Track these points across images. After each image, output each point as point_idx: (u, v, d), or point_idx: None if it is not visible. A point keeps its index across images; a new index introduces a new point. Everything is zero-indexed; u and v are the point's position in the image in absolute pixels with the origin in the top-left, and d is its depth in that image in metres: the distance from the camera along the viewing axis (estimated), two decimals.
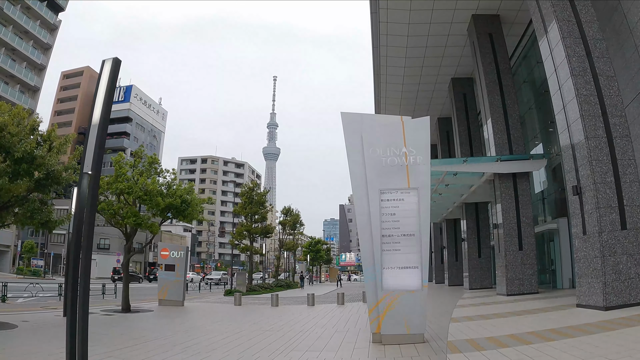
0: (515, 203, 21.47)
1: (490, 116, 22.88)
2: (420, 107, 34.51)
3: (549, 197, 26.93)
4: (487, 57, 24.18)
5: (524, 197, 21.68)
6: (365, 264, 9.28)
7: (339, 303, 19.22)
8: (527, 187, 22.20)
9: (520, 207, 21.48)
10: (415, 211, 9.36)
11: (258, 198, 31.14)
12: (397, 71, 30.28)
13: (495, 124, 22.74)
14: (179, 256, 19.54)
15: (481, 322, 11.87)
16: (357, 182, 9.72)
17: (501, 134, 22.58)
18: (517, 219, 21.30)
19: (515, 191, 21.66)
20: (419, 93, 33.19)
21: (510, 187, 21.69)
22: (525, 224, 21.35)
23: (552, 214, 26.03)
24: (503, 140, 22.48)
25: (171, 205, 15.88)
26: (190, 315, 15.37)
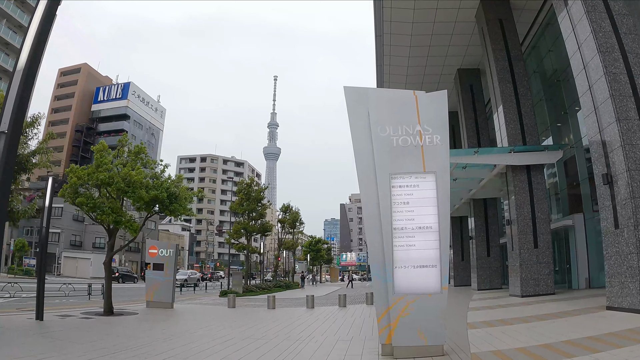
0: (529, 197, 20.03)
1: (502, 105, 21.43)
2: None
3: (561, 192, 25.51)
4: (497, 43, 22.78)
5: (539, 191, 20.24)
6: (374, 262, 7.84)
7: (340, 305, 17.79)
8: (542, 180, 20.75)
9: (535, 201, 20.03)
10: (432, 199, 7.94)
11: (256, 194, 29.67)
12: (401, 61, 28.93)
13: (507, 113, 21.30)
14: (168, 254, 18.12)
15: (503, 328, 10.44)
16: (363, 166, 8.28)
17: (514, 124, 21.14)
18: (532, 215, 19.86)
19: (529, 185, 20.21)
20: (423, 85, 31.81)
21: (525, 180, 20.24)
22: (541, 219, 19.91)
23: (566, 209, 24.64)
24: (516, 131, 21.03)
25: (156, 198, 14.41)
26: (176, 319, 13.94)
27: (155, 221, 68.54)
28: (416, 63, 29.07)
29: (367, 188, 8.14)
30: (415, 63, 29.07)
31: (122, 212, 14.20)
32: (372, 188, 8.10)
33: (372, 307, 17.76)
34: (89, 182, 14.36)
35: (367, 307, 17.76)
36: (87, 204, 14.27)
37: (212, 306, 19.24)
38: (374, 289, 7.73)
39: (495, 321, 11.69)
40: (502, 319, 12.20)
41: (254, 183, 30.63)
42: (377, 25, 26.06)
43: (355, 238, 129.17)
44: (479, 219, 28.20)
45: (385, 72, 30.38)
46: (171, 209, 14.95)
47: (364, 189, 8.18)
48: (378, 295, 7.70)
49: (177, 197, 15.04)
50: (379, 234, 7.82)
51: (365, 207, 8.10)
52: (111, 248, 15.82)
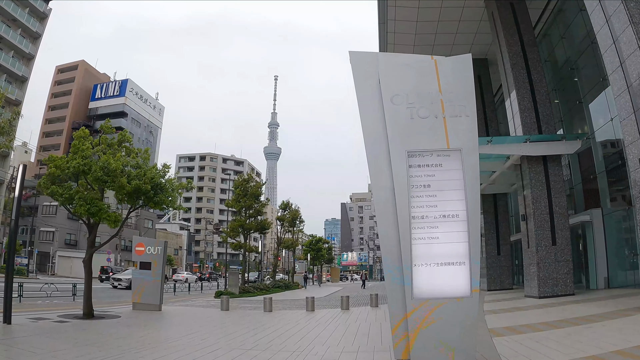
0: (547, 190, 18.61)
1: (515, 91, 19.98)
2: None
3: (576, 185, 24.06)
4: (509, 28, 21.39)
5: (557, 184, 18.81)
6: (387, 260, 6.39)
7: (343, 308, 16.34)
8: (560, 172, 19.33)
9: (552, 195, 18.62)
10: (458, 182, 6.51)
11: (253, 190, 28.19)
12: (405, 49, 27.56)
13: (521, 100, 19.86)
14: (155, 252, 16.69)
15: (533, 335, 9.01)
16: (373, 143, 6.84)
17: (528, 112, 19.71)
18: (550, 209, 18.44)
19: (546, 177, 18.80)
20: None
21: (541, 172, 18.81)
22: (559, 214, 18.49)
23: (581, 205, 23.21)
24: (531, 119, 19.60)
25: (139, 189, 12.95)
26: (161, 324, 12.51)
27: (152, 220, 67.15)
28: (422, 52, 27.71)
29: (378, 170, 6.70)
30: (421, 52, 27.71)
31: (97, 202, 12.72)
32: (384, 169, 6.66)
33: (378, 309, 16.41)
34: (66, 170, 12.91)
35: (371, 309, 16.33)
36: (62, 195, 12.83)
37: (204, 308, 17.81)
38: (387, 293, 6.29)
39: (520, 327, 10.26)
40: (527, 323, 10.78)
41: (251, 179, 29.15)
42: (381, 10, 24.79)
43: (357, 238, 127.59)
44: (488, 216, 26.84)
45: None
46: (156, 201, 13.50)
47: (375, 171, 6.74)
48: (393, 300, 6.26)
49: (162, 189, 13.58)
50: (394, 224, 6.39)
51: (377, 193, 6.65)
52: (91, 245, 14.40)
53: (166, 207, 14.26)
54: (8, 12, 54.28)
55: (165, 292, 27.25)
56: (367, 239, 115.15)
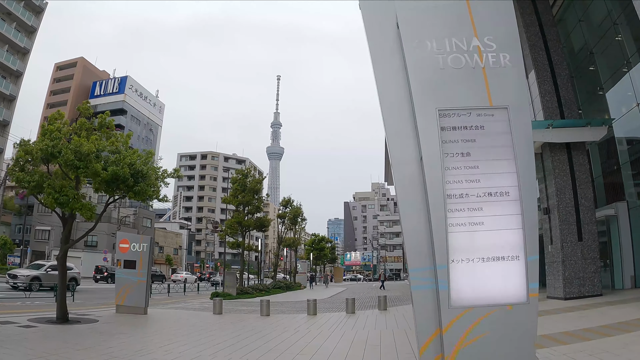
0: (571, 181, 16.95)
1: (535, 74, 18.33)
2: None
3: (597, 178, 22.40)
4: (526, 7, 19.83)
5: (582, 174, 17.16)
6: (413, 257, 4.74)
7: (348, 311, 14.70)
8: (585, 161, 17.67)
9: (577, 186, 16.93)
10: (507, 149, 4.90)
11: (252, 185, 26.53)
12: None
13: (541, 83, 18.23)
14: (141, 249, 15.08)
15: (581, 346, 7.40)
16: (391, 104, 5.23)
17: (549, 96, 18.07)
18: (575, 202, 16.77)
19: (570, 167, 17.12)
20: None
21: (565, 161, 17.15)
22: (585, 207, 16.85)
23: (602, 198, 21.57)
24: (552, 104, 17.96)
25: (117, 176, 11.32)
26: (141, 331, 10.88)
27: (151, 218, 65.57)
28: None
29: (399, 138, 5.07)
30: None
31: (67, 190, 11.10)
32: (407, 137, 5.03)
33: (387, 313, 14.79)
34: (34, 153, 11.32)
35: (380, 313, 14.69)
36: (30, 182, 11.23)
37: (195, 312, 16.19)
38: (413, 299, 4.64)
39: (560, 335, 8.61)
40: (566, 330, 9.14)
41: (249, 173, 27.49)
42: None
43: (360, 237, 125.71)
44: None
45: None
46: (136, 191, 11.85)
47: (395, 140, 5.11)
48: (421, 310, 4.61)
49: (144, 176, 11.94)
50: (422, 208, 4.77)
51: (398, 171, 5.01)
52: (65, 240, 12.84)
53: (149, 198, 12.61)
54: (3, 5, 52.83)
55: (159, 293, 25.69)
56: (370, 239, 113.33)
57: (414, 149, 4.95)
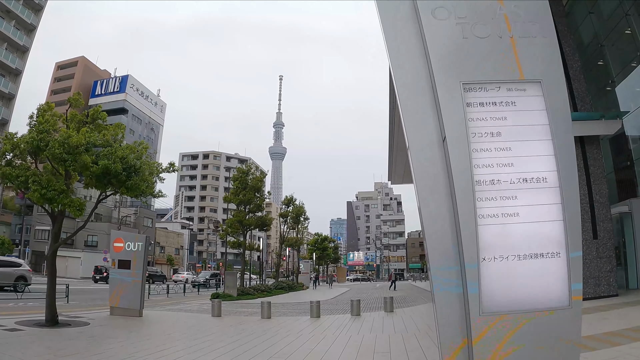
0: (585, 176, 16.26)
1: None
2: None
3: (609, 174, 21.71)
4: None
5: (597, 169, 16.47)
6: (435, 256, 4.03)
7: (353, 313, 13.99)
8: (600, 155, 16.95)
9: (592, 182, 16.25)
10: (542, 129, 4.20)
11: (253, 183, 25.83)
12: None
13: None
14: (135, 249, 14.42)
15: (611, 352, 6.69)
16: (406, 77, 4.52)
17: None
18: (590, 198, 16.08)
19: (584, 161, 16.42)
20: None
21: (579, 156, 16.41)
22: (600, 203, 16.15)
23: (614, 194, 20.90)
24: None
25: (108, 170, 10.66)
26: (132, 335, 10.20)
27: (152, 218, 64.98)
28: None
29: (415, 114, 4.36)
30: None
31: (55, 185, 10.45)
32: (426, 115, 4.33)
33: (394, 315, 14.10)
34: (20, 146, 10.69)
35: (386, 315, 14.00)
36: (18, 177, 10.59)
37: (193, 314, 15.52)
38: (435, 303, 3.94)
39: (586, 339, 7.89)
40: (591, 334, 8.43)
41: (250, 170, 26.79)
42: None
43: (363, 237, 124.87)
44: None
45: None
46: (129, 186, 11.18)
47: (411, 116, 4.40)
48: (444, 318, 3.90)
49: (137, 171, 11.28)
50: (446, 197, 4.06)
51: (416, 151, 4.31)
52: (55, 238, 12.21)
53: (142, 195, 11.93)
54: (2, 3, 52.37)
55: (157, 294, 25.04)
56: (373, 238, 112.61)
57: (434, 130, 4.27)
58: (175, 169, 13.15)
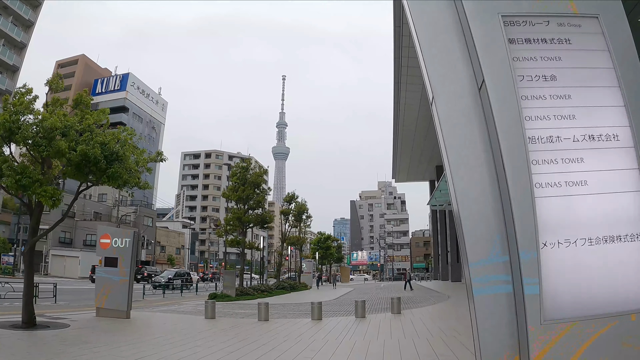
0: None
1: None
2: None
3: None
4: None
5: None
6: (471, 242, 2.95)
7: (357, 315, 12.91)
8: None
9: None
10: (607, 73, 3.13)
11: (252, 178, 24.75)
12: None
13: None
14: (123, 245, 13.40)
15: None
16: (429, 12, 3.48)
17: None
18: None
19: None
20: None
21: None
22: None
23: None
24: None
25: (87, 157, 9.65)
26: (113, 339, 9.16)
27: (152, 217, 64.00)
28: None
29: (441, 55, 3.33)
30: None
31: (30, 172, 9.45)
32: (454, 53, 3.31)
33: (402, 317, 12.96)
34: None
35: (393, 317, 12.92)
36: None
37: (186, 315, 14.49)
38: (475, 307, 2.86)
39: None
40: None
41: (249, 165, 25.67)
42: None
43: (367, 236, 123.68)
44: None
45: (403, 64, 26.94)
46: (110, 174, 10.15)
47: (435, 58, 3.35)
48: (487, 325, 2.82)
49: (120, 158, 10.25)
50: (486, 159, 3.03)
51: (442, 103, 3.25)
52: (33, 232, 11.23)
53: (126, 185, 10.89)
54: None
55: (153, 294, 24.01)
56: (377, 238, 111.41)
57: (465, 75, 3.22)
58: (163, 159, 12.13)
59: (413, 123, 36.50)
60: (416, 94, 30.06)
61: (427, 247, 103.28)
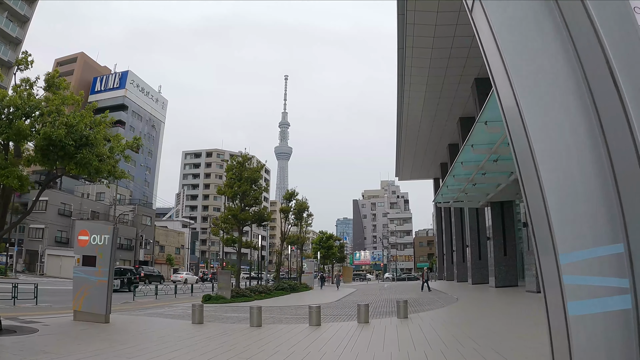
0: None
1: None
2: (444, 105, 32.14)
3: None
4: None
5: None
6: (562, 223, 1.68)
7: (360, 321, 11.64)
8: None
9: None
10: None
11: (249, 174, 23.44)
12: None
13: None
14: (102, 242, 12.19)
15: None
16: None
17: None
18: None
19: None
20: (442, 92, 29.84)
21: None
22: None
23: None
24: None
25: (51, 140, 8.43)
26: (79, 348, 7.92)
27: (150, 216, 62.78)
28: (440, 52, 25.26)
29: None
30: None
31: None
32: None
33: (409, 323, 11.63)
34: None
35: (400, 323, 11.64)
36: None
37: (172, 319, 13.27)
38: (569, 333, 1.61)
39: None
40: None
41: (247, 161, 24.33)
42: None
43: (369, 236, 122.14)
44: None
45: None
46: (78, 160, 8.91)
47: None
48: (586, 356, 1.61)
49: (90, 143, 9.02)
50: (574, 95, 1.78)
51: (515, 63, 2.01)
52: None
53: (98, 174, 9.66)
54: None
55: (144, 296, 22.77)
56: (380, 237, 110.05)
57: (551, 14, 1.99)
58: (141, 145, 10.90)
59: (417, 118, 35.29)
60: (421, 86, 28.94)
61: (430, 247, 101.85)
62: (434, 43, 23.67)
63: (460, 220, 39.07)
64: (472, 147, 16.80)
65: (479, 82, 26.89)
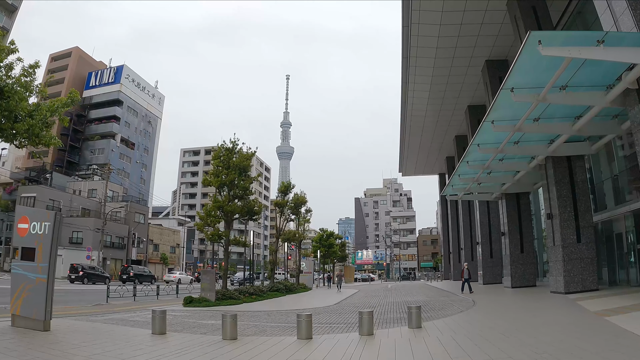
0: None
1: None
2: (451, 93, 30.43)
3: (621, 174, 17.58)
4: (532, 30, 16.08)
5: None
6: None
7: (363, 332, 9.18)
8: None
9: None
10: None
11: (238, 161, 20.92)
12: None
13: None
14: (42, 231, 9.85)
15: None
16: None
17: None
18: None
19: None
20: (450, 77, 27.93)
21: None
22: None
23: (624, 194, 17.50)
24: None
25: None
26: None
27: (144, 214, 60.32)
28: (444, 53, 24.91)
29: None
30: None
31: None
32: None
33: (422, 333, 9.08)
34: None
35: (413, 334, 9.19)
36: None
37: (130, 328, 10.85)
38: None
39: None
40: None
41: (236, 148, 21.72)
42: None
43: (372, 235, 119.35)
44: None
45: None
46: None
47: None
48: None
49: (4, 95, 6.67)
50: None
51: None
52: None
53: (16, 135, 7.30)
54: None
55: (120, 297, 20.15)
56: (383, 236, 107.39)
57: None
58: (76, 101, 8.57)
59: (422, 108, 33.00)
60: (427, 69, 26.66)
61: (434, 246, 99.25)
62: (442, 18, 21.50)
63: (469, 215, 36.82)
64: (493, 124, 14.39)
65: (490, 64, 24.76)
